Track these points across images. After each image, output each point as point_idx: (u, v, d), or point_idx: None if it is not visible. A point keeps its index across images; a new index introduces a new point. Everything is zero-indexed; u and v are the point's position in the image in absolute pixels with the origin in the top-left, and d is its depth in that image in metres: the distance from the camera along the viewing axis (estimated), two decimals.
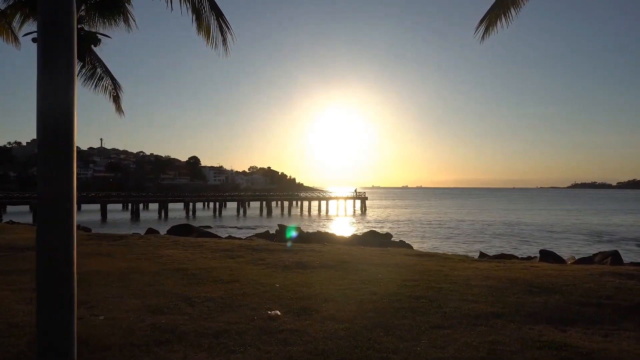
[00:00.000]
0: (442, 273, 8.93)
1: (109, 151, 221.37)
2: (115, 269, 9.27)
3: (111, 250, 12.11)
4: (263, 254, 11.72)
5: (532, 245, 32.02)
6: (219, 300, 6.59)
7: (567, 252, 23.60)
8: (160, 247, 12.89)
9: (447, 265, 10.18)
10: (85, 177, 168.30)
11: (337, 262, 10.30)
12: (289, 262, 10.35)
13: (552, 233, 42.76)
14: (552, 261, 12.16)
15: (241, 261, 10.68)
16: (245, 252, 12.00)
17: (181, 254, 11.68)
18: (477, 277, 8.38)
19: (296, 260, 10.69)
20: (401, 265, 10.07)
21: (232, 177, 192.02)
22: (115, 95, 17.28)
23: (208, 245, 13.40)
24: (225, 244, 13.70)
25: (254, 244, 13.41)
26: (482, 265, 10.11)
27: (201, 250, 12.54)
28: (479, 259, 11.97)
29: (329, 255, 11.38)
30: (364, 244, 15.60)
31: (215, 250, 12.38)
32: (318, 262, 10.40)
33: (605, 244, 33.50)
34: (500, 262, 10.70)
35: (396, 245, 15.72)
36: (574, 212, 79.41)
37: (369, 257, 11.26)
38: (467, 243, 33.39)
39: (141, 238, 15.11)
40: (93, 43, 14.11)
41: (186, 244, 13.76)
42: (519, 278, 8.14)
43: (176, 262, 10.36)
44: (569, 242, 35.06)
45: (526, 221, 57.89)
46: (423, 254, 12.52)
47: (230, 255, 11.60)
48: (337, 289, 7.41)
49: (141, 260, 10.68)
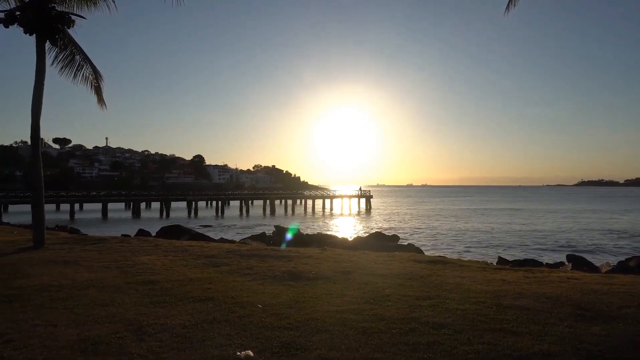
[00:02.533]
0: (462, 287, 7.37)
1: (114, 150, 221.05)
2: (70, 283, 7.78)
3: (80, 257, 10.64)
4: (252, 261, 10.20)
5: (548, 247, 30.33)
6: (177, 331, 5.06)
7: (593, 258, 21.90)
8: (138, 253, 11.41)
9: (467, 275, 8.62)
10: (90, 175, 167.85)
11: (336, 273, 8.76)
12: (280, 272, 8.83)
13: (564, 233, 40.96)
14: (586, 270, 10.57)
15: (225, 271, 9.18)
16: (232, 259, 10.49)
17: (159, 262, 10.19)
18: (508, 293, 6.81)
19: (289, 269, 9.17)
20: (412, 275, 8.52)
21: (236, 176, 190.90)
22: (96, 85, 15.80)
23: (193, 250, 11.90)
24: (212, 248, 12.20)
25: (244, 249, 11.89)
26: (509, 276, 8.54)
27: (183, 256, 11.05)
28: (500, 267, 10.42)
29: (327, 263, 9.85)
30: (369, 248, 14.07)
31: (199, 257, 10.88)
32: (314, 272, 8.87)
33: (624, 241, 31.76)
34: (529, 272, 9.12)
35: (404, 249, 14.15)
36: (589, 212, 77.37)
37: (374, 265, 9.71)
38: (480, 246, 31.28)
39: (122, 242, 13.65)
40: (65, 24, 12.61)
41: (169, 248, 12.27)
42: (561, 296, 6.56)
43: (149, 272, 8.87)
44: (589, 245, 33.23)
45: (537, 221, 56.11)
46: (435, 260, 10.95)
47: (214, 262, 10.10)
48: (333, 312, 5.87)
49: (109, 269, 9.20)
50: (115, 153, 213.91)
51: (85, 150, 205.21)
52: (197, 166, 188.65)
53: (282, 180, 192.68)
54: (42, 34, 12.58)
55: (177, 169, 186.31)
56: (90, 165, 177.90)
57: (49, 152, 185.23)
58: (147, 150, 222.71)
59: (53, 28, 12.34)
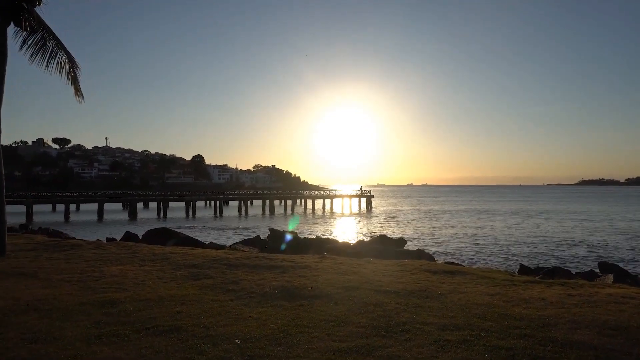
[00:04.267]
0: (496, 311, 5.90)
1: (113, 150, 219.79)
2: (11, 304, 6.31)
3: (41, 268, 9.18)
4: (240, 273, 8.74)
5: (565, 251, 28.80)
6: None
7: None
8: (110, 262, 9.95)
9: (495, 292, 7.14)
10: (89, 175, 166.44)
11: (338, 289, 7.29)
12: (271, 288, 7.36)
13: (574, 234, 39.42)
14: (630, 282, 9.11)
15: (206, 285, 7.71)
16: (216, 270, 9.03)
17: (131, 273, 8.73)
18: (558, 321, 5.34)
19: (282, 283, 7.70)
20: (430, 292, 7.05)
21: (236, 176, 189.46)
22: (72, 75, 14.33)
23: (174, 258, 10.43)
24: (197, 256, 10.72)
25: (232, 257, 10.42)
26: (546, 293, 7.06)
27: (162, 266, 9.59)
28: (529, 278, 8.95)
29: (327, 276, 8.38)
30: (373, 254, 12.58)
31: (179, 267, 9.42)
32: (312, 287, 7.40)
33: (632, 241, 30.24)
34: (567, 287, 7.65)
35: (413, 256, 12.66)
36: (595, 213, 75.82)
37: (382, 278, 8.24)
38: (490, 249, 29.04)
39: (97, 248, 12.19)
40: (31, 3, 11.14)
41: (148, 256, 10.80)
42: (630, 326, 5.09)
43: (114, 288, 7.41)
44: (601, 248, 31.69)
45: (546, 223, 54.62)
46: (452, 270, 9.48)
47: (195, 274, 8.63)
48: (335, 352, 4.40)
49: (69, 284, 7.74)
50: (115, 153, 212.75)
51: (85, 150, 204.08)
52: (197, 166, 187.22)
53: (282, 179, 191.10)
54: (3, 14, 11.11)
55: (177, 168, 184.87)
56: (89, 165, 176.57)
57: (48, 152, 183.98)
58: (147, 150, 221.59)
59: (16, 6, 10.87)
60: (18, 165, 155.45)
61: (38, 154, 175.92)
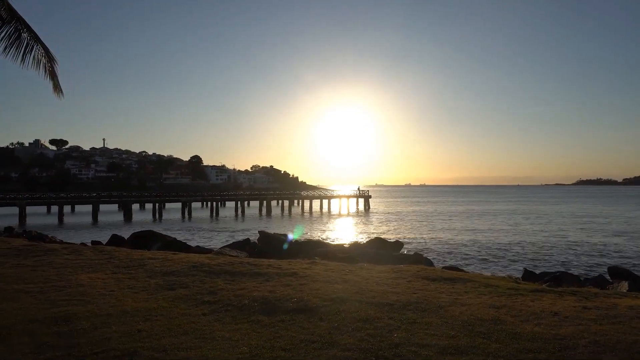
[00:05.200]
0: (503, 329, 5.13)
1: (111, 151, 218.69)
2: None
3: (3, 275, 8.40)
4: (219, 281, 7.97)
5: (568, 254, 28.08)
6: None
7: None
8: (81, 269, 9.17)
9: (501, 304, 6.38)
10: (87, 177, 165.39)
11: (325, 300, 6.52)
12: (250, 300, 6.60)
13: (572, 236, 38.70)
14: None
15: (179, 296, 6.94)
16: (195, 278, 8.26)
17: (100, 282, 7.96)
18: (577, 343, 4.57)
19: (263, 294, 6.94)
20: (428, 305, 6.28)
21: (234, 176, 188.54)
22: (50, 69, 13.59)
23: (152, 264, 9.65)
24: (177, 262, 9.94)
25: (214, 263, 9.63)
26: (558, 305, 6.30)
27: (137, 273, 8.81)
28: (536, 287, 8.20)
29: (315, 285, 7.61)
30: (368, 258, 11.80)
31: (155, 274, 8.65)
32: (296, 298, 6.64)
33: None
34: (580, 297, 6.89)
35: (410, 260, 11.86)
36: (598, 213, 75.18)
37: (374, 287, 7.47)
38: (491, 251, 27.82)
39: (72, 253, 11.39)
40: None
41: (124, 262, 10.02)
42: None
43: (76, 300, 6.64)
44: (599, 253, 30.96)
45: (550, 226, 53.96)
46: (452, 277, 8.72)
47: (170, 283, 7.86)
48: None
49: (28, 295, 6.96)
50: (113, 154, 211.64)
51: (82, 152, 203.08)
52: (194, 167, 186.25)
53: (280, 180, 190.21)
54: None
55: (175, 169, 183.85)
56: (87, 167, 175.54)
57: (45, 154, 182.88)
58: (145, 151, 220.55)
59: None
60: (15, 166, 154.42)
61: (35, 156, 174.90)
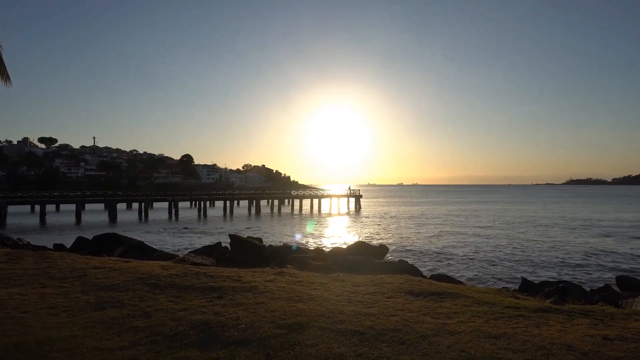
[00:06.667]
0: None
1: (101, 149, 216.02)
2: None
3: None
4: (161, 299, 6.65)
5: (565, 258, 26.95)
6: None
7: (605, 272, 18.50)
8: (8, 282, 7.82)
9: (499, 331, 5.12)
10: (76, 175, 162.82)
11: (279, 327, 5.23)
12: (187, 326, 5.29)
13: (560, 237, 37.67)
14: None
15: (104, 320, 5.63)
16: (134, 294, 6.94)
17: (19, 299, 6.63)
18: None
19: (208, 317, 5.63)
20: (407, 335, 5.01)
21: (225, 176, 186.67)
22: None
23: (94, 275, 8.30)
24: (124, 272, 8.60)
25: (165, 273, 8.30)
26: (570, 334, 5.06)
27: (70, 287, 7.48)
28: (537, 304, 6.96)
29: (275, 304, 6.31)
30: (347, 267, 10.51)
31: (91, 289, 7.32)
32: (244, 324, 5.34)
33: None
34: (590, 318, 5.66)
35: (394, 269, 10.54)
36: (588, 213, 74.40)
37: (346, 308, 6.19)
38: (484, 257, 25.89)
39: (8, 261, 10.00)
40: None
41: (64, 272, 8.68)
42: None
43: None
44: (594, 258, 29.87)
45: (537, 224, 52.96)
46: (440, 292, 7.46)
47: (102, 301, 6.53)
48: None
49: None
50: (103, 153, 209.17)
51: (72, 150, 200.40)
52: (185, 166, 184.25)
53: (272, 179, 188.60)
54: None
55: (166, 168, 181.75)
56: (76, 165, 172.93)
57: (34, 152, 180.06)
58: (135, 150, 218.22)
59: None
60: (3, 165, 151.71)
61: (23, 154, 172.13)
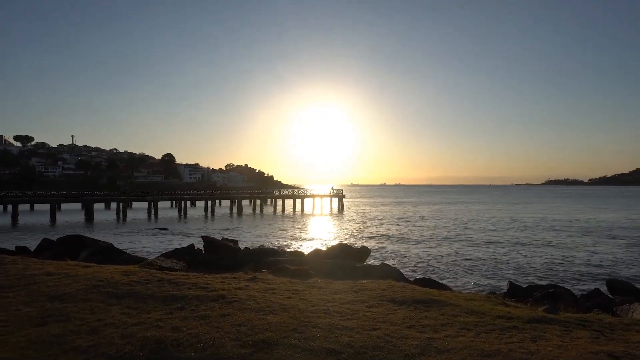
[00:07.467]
0: None
1: (80, 148, 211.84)
2: None
3: None
4: (114, 311, 5.91)
5: (549, 260, 26.73)
6: None
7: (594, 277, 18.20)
8: None
9: (491, 348, 4.52)
10: (53, 174, 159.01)
11: (244, 346, 4.54)
12: (137, 346, 4.57)
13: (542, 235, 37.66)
14: None
15: (42, 338, 4.87)
16: (86, 305, 6.18)
17: None
18: None
19: (163, 334, 4.91)
20: (388, 353, 4.37)
21: (208, 175, 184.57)
22: None
23: (43, 284, 7.49)
24: (80, 279, 7.80)
25: (125, 280, 7.54)
26: (571, 351, 4.49)
27: (14, 297, 6.67)
28: (530, 314, 6.41)
29: (241, 316, 5.61)
30: (327, 271, 9.87)
31: (37, 299, 6.53)
32: (204, 342, 4.64)
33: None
34: (588, 329, 5.12)
35: (377, 273, 9.89)
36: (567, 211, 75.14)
37: (323, 320, 5.53)
38: (469, 258, 25.20)
39: None
40: None
41: (9, 281, 7.83)
42: None
43: None
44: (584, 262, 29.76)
45: (520, 225, 53.12)
46: (426, 299, 6.87)
47: (46, 315, 5.77)
48: None
49: None
50: (82, 151, 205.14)
51: (49, 149, 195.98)
52: (167, 165, 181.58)
53: (255, 179, 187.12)
54: None
55: (147, 168, 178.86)
56: (53, 164, 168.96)
57: (9, 150, 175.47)
58: (116, 149, 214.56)
59: None
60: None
61: None
